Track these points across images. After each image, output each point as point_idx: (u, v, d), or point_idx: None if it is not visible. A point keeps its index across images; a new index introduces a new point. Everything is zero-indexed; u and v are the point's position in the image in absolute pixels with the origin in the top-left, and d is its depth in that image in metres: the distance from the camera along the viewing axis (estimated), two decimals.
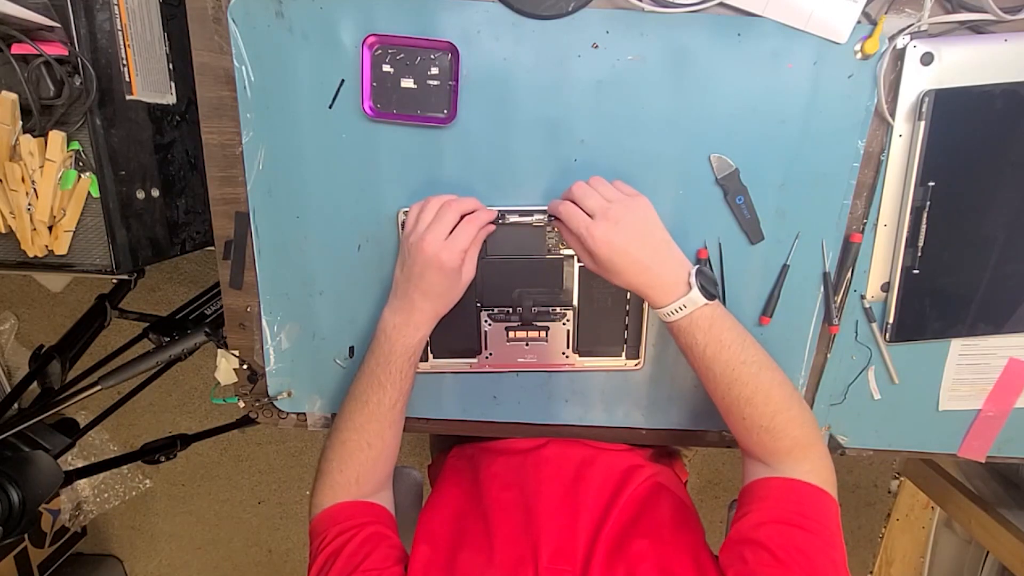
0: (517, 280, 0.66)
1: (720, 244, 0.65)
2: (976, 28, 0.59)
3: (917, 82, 0.59)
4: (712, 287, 0.56)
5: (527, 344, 0.69)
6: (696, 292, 0.54)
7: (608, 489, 0.63)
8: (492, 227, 0.63)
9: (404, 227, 0.61)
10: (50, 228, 0.67)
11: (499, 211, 0.63)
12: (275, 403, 0.74)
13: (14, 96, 0.61)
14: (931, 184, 0.61)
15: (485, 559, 0.55)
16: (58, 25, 0.61)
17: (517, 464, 0.68)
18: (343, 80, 0.61)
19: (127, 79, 0.70)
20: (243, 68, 0.61)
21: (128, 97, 0.70)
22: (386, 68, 0.60)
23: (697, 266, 0.56)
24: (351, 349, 0.71)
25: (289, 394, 0.73)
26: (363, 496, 0.62)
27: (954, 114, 0.59)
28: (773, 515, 0.52)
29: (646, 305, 0.68)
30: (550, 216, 0.63)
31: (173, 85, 0.78)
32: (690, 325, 0.56)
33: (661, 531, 0.57)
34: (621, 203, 0.56)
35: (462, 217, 0.59)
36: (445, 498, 0.66)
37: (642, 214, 0.56)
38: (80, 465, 0.99)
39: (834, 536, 0.51)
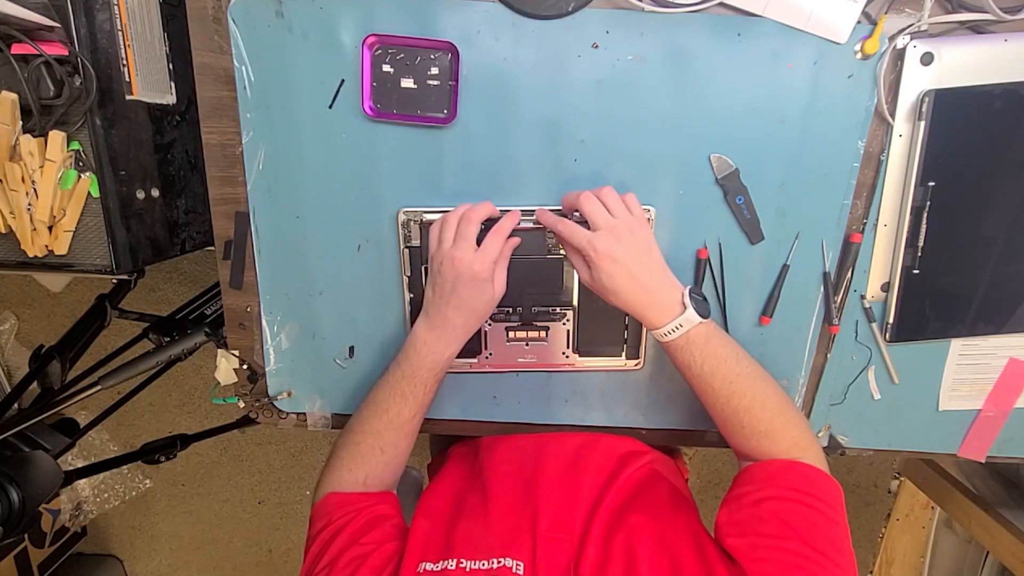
0: (517, 280, 0.66)
1: (720, 244, 0.65)
2: (976, 28, 0.59)
3: (917, 82, 0.59)
4: (704, 306, 0.57)
5: (527, 344, 0.69)
6: (691, 311, 0.55)
7: (607, 469, 0.63)
8: (517, 240, 0.63)
9: (429, 247, 0.61)
10: (50, 228, 0.67)
11: (520, 211, 0.63)
12: (275, 403, 0.74)
13: (14, 96, 0.61)
14: (931, 184, 0.61)
15: (483, 528, 0.55)
16: (58, 25, 0.61)
17: (518, 446, 0.68)
18: (343, 80, 0.61)
19: (127, 79, 0.70)
20: (243, 68, 0.61)
21: (128, 97, 0.70)
22: (386, 68, 0.60)
23: (689, 287, 0.57)
24: (351, 349, 0.71)
25: (289, 394, 0.73)
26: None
27: (954, 114, 0.59)
28: (774, 492, 0.52)
29: None
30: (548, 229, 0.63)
31: (173, 85, 0.77)
32: (687, 343, 0.57)
33: (660, 508, 0.57)
34: (625, 222, 0.56)
35: (485, 226, 0.59)
36: (446, 479, 0.66)
37: (643, 236, 0.57)
38: (80, 465, 0.99)
39: (836, 513, 0.51)
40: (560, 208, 0.63)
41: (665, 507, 0.58)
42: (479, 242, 0.59)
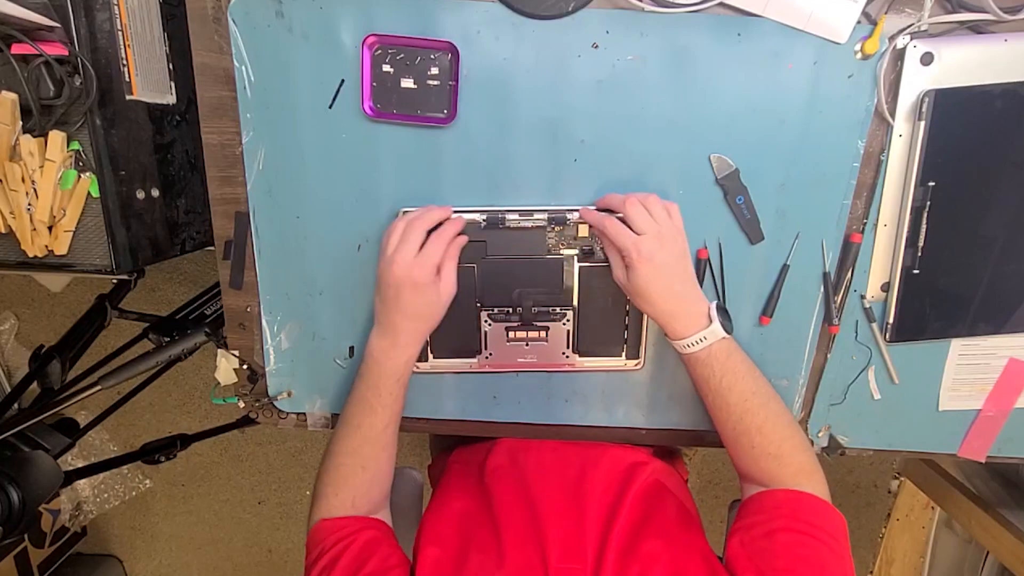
0: (517, 280, 0.66)
1: (720, 244, 0.65)
2: (976, 28, 0.58)
3: (917, 82, 0.59)
4: (728, 322, 0.58)
5: (527, 344, 0.69)
6: (717, 325, 0.56)
7: (612, 488, 0.63)
8: (464, 239, 0.63)
9: (380, 254, 0.60)
10: (50, 228, 0.67)
11: (465, 220, 0.62)
12: (275, 403, 0.74)
13: (14, 96, 0.61)
14: (931, 184, 0.61)
15: (494, 562, 0.55)
16: (58, 25, 0.61)
17: (521, 465, 0.68)
18: (343, 80, 0.61)
19: (127, 79, 0.70)
20: (243, 68, 0.61)
21: (128, 97, 0.70)
22: (386, 68, 0.60)
23: (715, 302, 0.58)
24: (351, 349, 0.71)
25: (289, 394, 0.73)
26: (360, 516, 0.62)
27: (954, 114, 0.59)
28: (785, 524, 0.53)
29: None
30: (591, 227, 0.63)
31: (173, 85, 0.78)
32: (708, 357, 0.57)
33: (671, 531, 0.57)
34: (669, 228, 0.57)
35: (432, 232, 0.59)
36: (451, 501, 0.66)
37: (682, 245, 0.58)
38: (80, 465, 0.99)
39: (845, 550, 0.52)
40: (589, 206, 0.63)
41: (676, 530, 0.58)
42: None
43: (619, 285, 0.60)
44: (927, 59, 0.58)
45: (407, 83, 0.61)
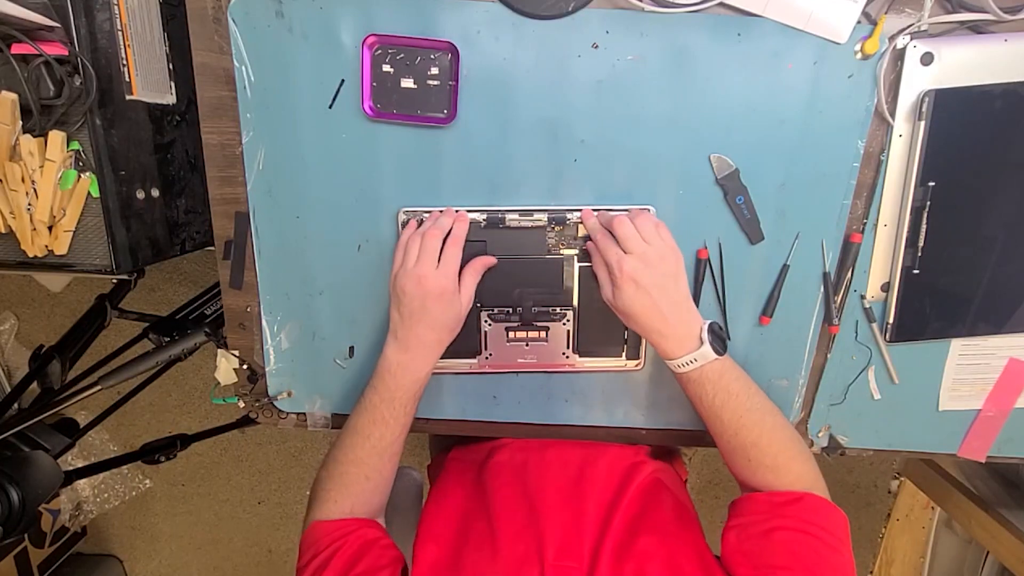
0: (517, 280, 0.66)
1: (720, 244, 0.65)
2: (976, 28, 0.59)
3: (917, 82, 0.59)
4: (722, 342, 0.57)
5: (527, 344, 0.69)
6: (707, 347, 0.55)
7: (611, 486, 0.63)
8: (492, 260, 0.63)
9: (392, 267, 0.60)
10: (50, 228, 0.67)
11: (469, 217, 0.63)
12: (275, 403, 0.74)
13: (14, 96, 0.61)
14: (931, 184, 0.61)
15: (489, 558, 0.55)
16: (58, 25, 0.61)
17: (520, 463, 0.68)
18: (343, 80, 0.61)
19: (127, 79, 0.70)
20: (243, 68, 0.61)
21: (128, 97, 0.70)
22: (386, 68, 0.60)
23: (710, 321, 0.57)
24: (351, 349, 0.71)
25: (289, 394, 0.73)
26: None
27: (954, 114, 0.59)
28: (783, 523, 0.52)
29: None
30: (586, 239, 0.64)
31: (173, 85, 0.77)
32: (700, 377, 0.57)
33: (667, 528, 0.57)
34: (657, 250, 0.56)
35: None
36: (449, 498, 0.66)
37: (672, 267, 0.57)
38: (80, 465, 0.99)
39: (843, 544, 0.51)
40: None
41: (672, 527, 0.58)
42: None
43: (607, 303, 0.60)
44: (927, 59, 0.58)
45: (407, 83, 0.61)
